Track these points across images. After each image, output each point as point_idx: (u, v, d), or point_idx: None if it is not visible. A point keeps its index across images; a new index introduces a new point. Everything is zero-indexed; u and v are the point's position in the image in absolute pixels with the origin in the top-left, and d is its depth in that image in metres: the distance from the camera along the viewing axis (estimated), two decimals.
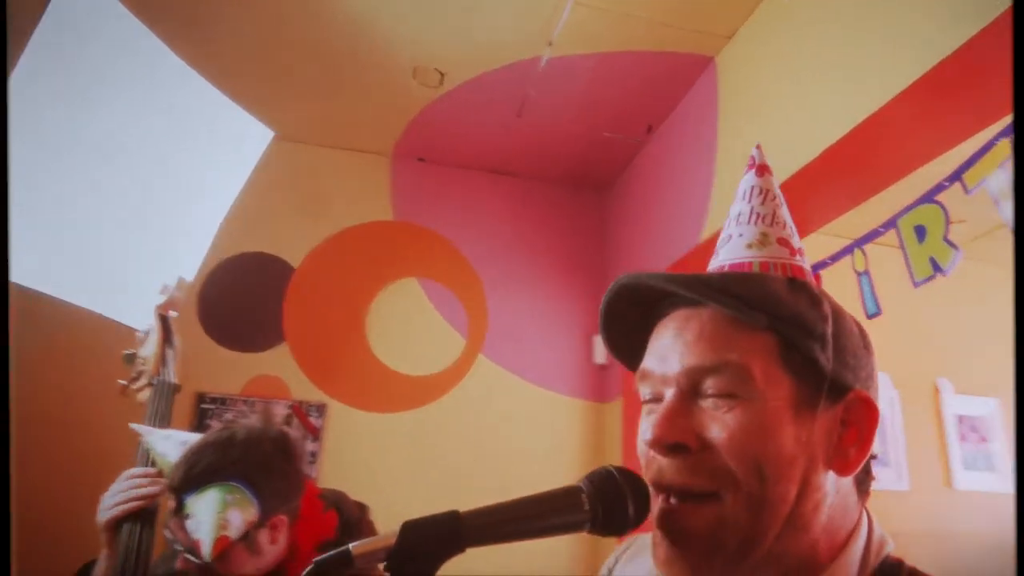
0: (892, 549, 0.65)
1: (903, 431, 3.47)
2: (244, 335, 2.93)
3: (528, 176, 3.49)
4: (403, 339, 3.13)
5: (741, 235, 0.73)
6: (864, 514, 0.66)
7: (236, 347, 2.90)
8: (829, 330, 0.63)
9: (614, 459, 3.06)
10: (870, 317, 1.77)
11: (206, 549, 1.14)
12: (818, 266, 1.94)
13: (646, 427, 0.64)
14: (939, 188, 1.60)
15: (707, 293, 0.63)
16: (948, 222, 1.56)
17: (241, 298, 2.97)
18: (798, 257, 0.72)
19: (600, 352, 3.29)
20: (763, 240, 0.72)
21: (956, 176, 1.55)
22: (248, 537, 1.19)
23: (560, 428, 3.20)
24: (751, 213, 0.74)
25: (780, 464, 0.59)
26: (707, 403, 0.62)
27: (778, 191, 0.75)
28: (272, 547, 1.24)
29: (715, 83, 2.60)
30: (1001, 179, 1.47)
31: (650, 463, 0.64)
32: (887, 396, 3.51)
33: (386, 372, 3.06)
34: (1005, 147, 1.47)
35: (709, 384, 0.62)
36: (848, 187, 1.97)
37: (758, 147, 0.77)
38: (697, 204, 2.63)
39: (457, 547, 0.58)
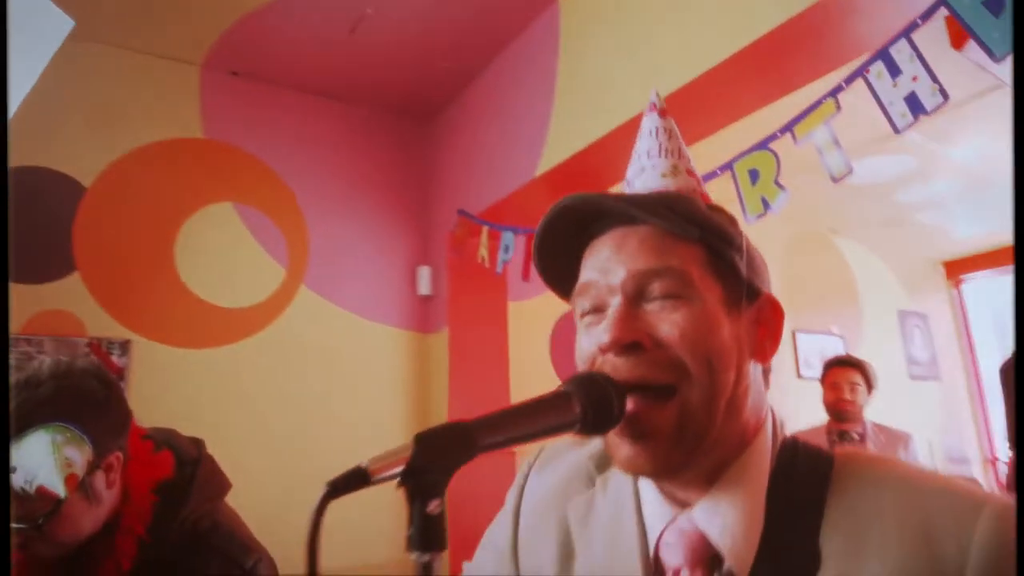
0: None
1: None
2: (23, 263, 2.53)
3: (353, 100, 3.32)
4: (217, 268, 2.89)
5: (654, 167, 0.79)
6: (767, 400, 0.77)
7: (14, 278, 2.50)
8: (744, 244, 0.72)
9: (441, 389, 3.12)
10: None
11: (57, 487, 1.03)
12: None
13: (595, 334, 0.70)
14: (772, 138, 1.79)
15: (650, 210, 0.69)
16: (779, 167, 1.76)
17: (19, 220, 2.54)
18: (703, 186, 0.80)
19: (424, 283, 3.30)
20: (674, 171, 0.78)
21: (787, 128, 1.75)
22: (84, 484, 1.07)
23: (385, 359, 3.19)
24: (660, 148, 0.80)
25: (723, 355, 0.67)
26: (652, 306, 0.67)
27: (678, 130, 0.82)
28: (109, 492, 1.13)
29: (557, 21, 2.63)
30: (825, 133, 1.70)
31: (601, 368, 0.68)
32: None
33: (198, 304, 2.82)
34: (830, 106, 1.68)
35: (655, 287, 0.67)
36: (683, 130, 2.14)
37: (656, 92, 0.84)
38: (533, 139, 2.69)
39: (470, 453, 0.59)
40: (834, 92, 1.67)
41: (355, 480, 0.55)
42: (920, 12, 1.50)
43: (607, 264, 0.70)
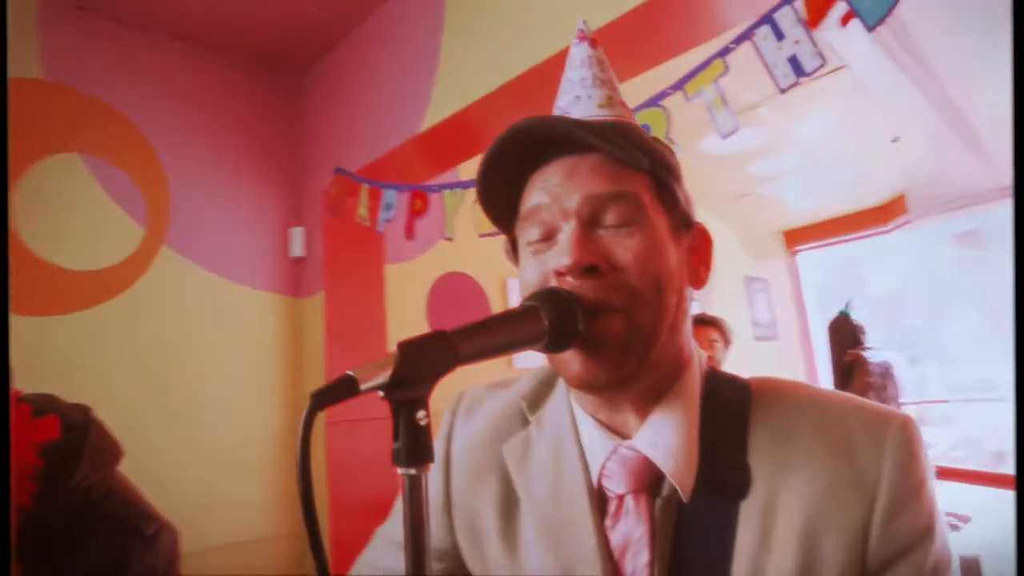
0: None
1: None
2: None
3: (221, 46, 3.08)
4: (65, 227, 2.60)
5: (590, 96, 0.79)
6: None
7: None
8: (681, 174, 0.77)
9: (316, 356, 3.02)
10: None
11: None
12: None
13: (544, 260, 0.72)
14: (663, 95, 1.85)
15: (606, 137, 0.70)
16: (670, 122, 1.83)
17: None
18: (635, 118, 0.82)
19: (298, 244, 3.16)
20: (610, 102, 0.79)
21: (679, 85, 1.82)
22: None
23: (255, 324, 3.03)
24: (593, 78, 0.81)
25: (670, 279, 0.71)
26: (606, 232, 0.70)
27: (608, 61, 0.83)
28: None
29: None
30: (714, 91, 1.78)
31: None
32: None
33: (43, 267, 2.53)
34: (719, 65, 1.77)
35: (609, 213, 0.70)
36: None
37: (584, 21, 0.83)
38: (418, 93, 2.63)
39: (453, 364, 0.59)
40: (722, 53, 1.75)
41: (344, 389, 0.53)
42: None
43: (558, 189, 0.71)
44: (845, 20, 1.55)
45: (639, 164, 0.70)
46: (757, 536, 0.67)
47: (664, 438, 0.71)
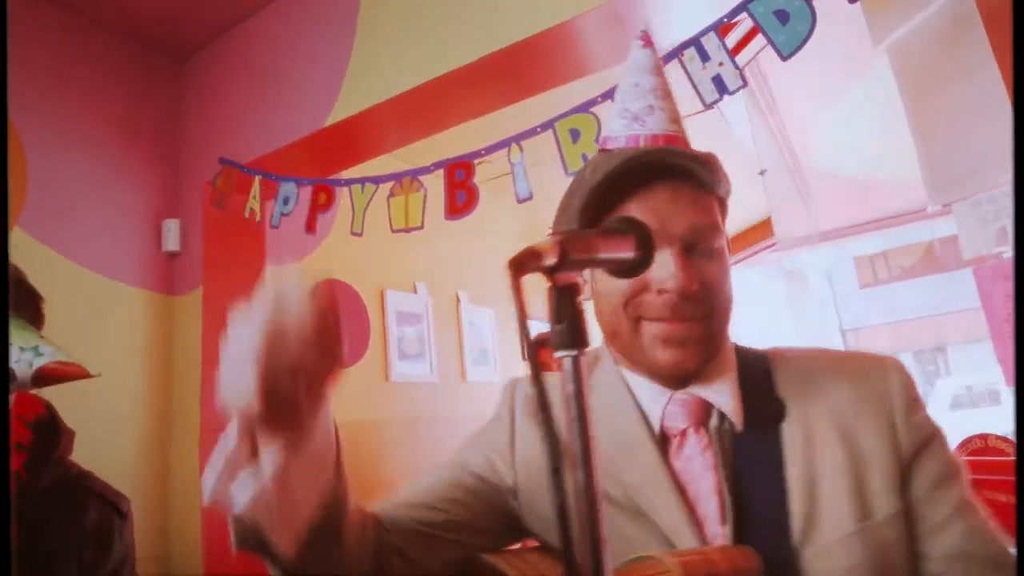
0: None
1: (435, 332, 4.04)
2: None
3: (99, 21, 2.84)
4: None
5: (662, 109, 0.89)
6: None
7: None
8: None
9: (190, 356, 2.83)
10: (520, 201, 2.10)
11: None
12: (474, 155, 2.17)
13: (654, 273, 0.79)
14: (593, 102, 1.98)
15: (708, 172, 0.83)
16: (599, 128, 1.96)
17: None
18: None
19: (172, 239, 2.94)
20: (676, 117, 0.90)
21: (607, 95, 1.95)
22: None
23: (123, 322, 2.77)
24: (663, 89, 0.91)
25: (732, 294, 0.87)
26: (699, 256, 0.82)
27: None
28: None
29: None
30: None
31: (642, 307, 0.84)
32: (423, 302, 4.02)
33: None
34: None
35: (703, 240, 0.82)
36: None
37: (647, 26, 0.94)
38: (325, 85, 2.58)
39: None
40: None
41: (531, 258, 0.55)
42: (727, 12, 1.81)
43: (665, 213, 0.81)
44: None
45: (724, 195, 0.88)
46: (802, 444, 0.80)
47: (716, 386, 0.85)
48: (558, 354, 0.55)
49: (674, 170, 0.82)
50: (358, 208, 2.38)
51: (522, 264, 0.54)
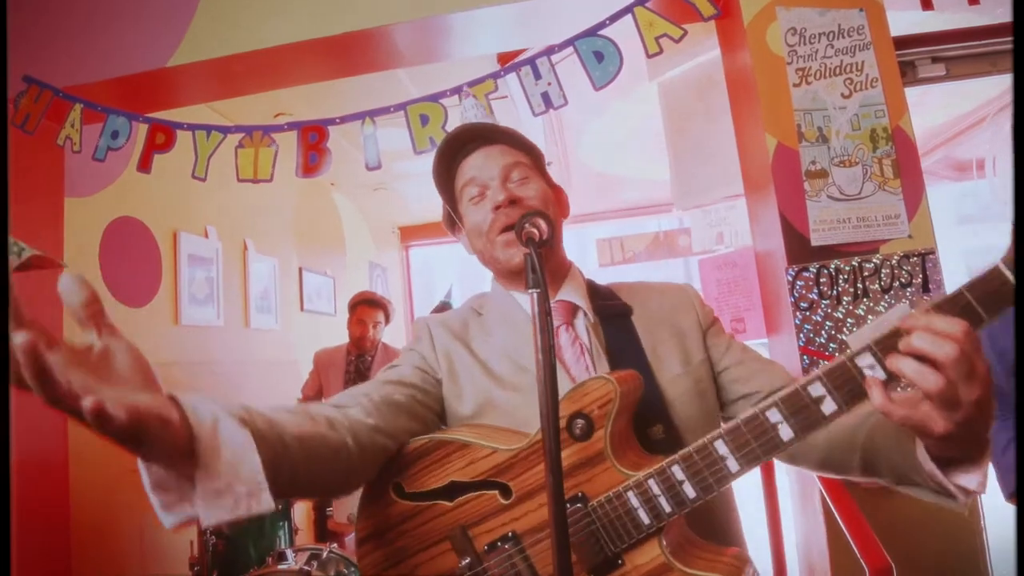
0: None
1: (222, 278, 4.07)
2: None
3: None
4: None
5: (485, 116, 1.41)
6: None
7: None
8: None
9: None
10: (370, 169, 2.39)
11: None
12: (329, 121, 2.41)
13: (483, 206, 1.20)
14: (442, 95, 2.34)
15: (509, 134, 1.24)
16: (446, 117, 2.32)
17: None
18: None
19: None
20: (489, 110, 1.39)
21: (456, 91, 2.33)
22: None
23: None
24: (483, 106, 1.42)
25: (551, 206, 1.23)
26: (512, 183, 1.20)
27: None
28: None
29: None
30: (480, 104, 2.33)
31: (497, 219, 1.18)
32: (213, 247, 4.03)
33: None
34: (491, 84, 2.32)
35: (515, 174, 1.21)
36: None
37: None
38: (167, 29, 2.60)
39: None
40: (495, 75, 2.32)
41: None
42: (557, 44, 2.27)
43: (485, 164, 1.24)
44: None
45: (527, 148, 1.26)
46: (645, 327, 1.22)
47: (571, 293, 1.25)
48: (530, 291, 0.90)
49: (486, 136, 1.23)
50: (201, 154, 2.47)
51: (526, 217, 0.98)
